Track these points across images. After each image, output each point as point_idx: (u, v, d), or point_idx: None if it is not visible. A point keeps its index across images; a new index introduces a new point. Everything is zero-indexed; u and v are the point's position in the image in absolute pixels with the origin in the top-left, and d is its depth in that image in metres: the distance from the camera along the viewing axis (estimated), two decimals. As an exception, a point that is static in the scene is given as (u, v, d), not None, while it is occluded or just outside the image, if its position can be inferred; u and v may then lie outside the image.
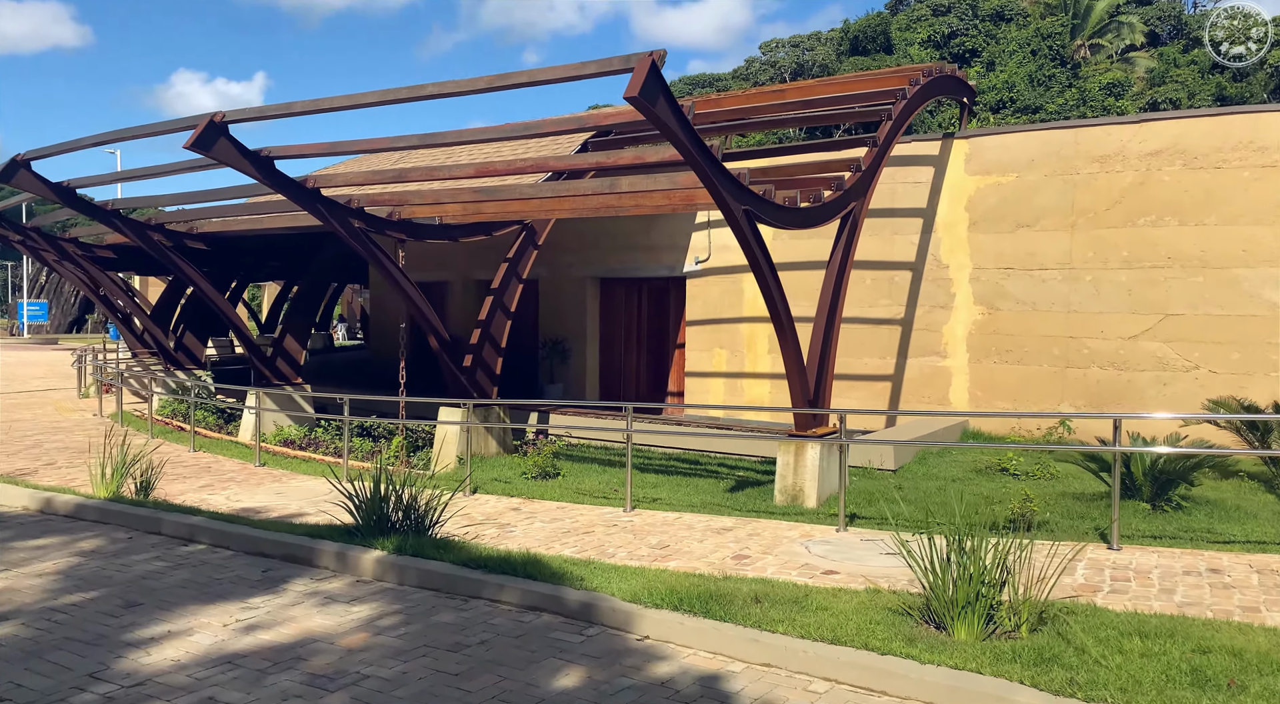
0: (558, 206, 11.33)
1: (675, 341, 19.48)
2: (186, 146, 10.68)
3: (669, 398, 19.62)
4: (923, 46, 70.18)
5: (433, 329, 13.66)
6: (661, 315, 19.73)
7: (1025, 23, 63.69)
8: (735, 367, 17.96)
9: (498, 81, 8.73)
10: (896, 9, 72.12)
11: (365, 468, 13.53)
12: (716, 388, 18.27)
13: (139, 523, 9.08)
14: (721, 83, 78.71)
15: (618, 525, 9.41)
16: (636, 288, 20.05)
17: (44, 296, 79.25)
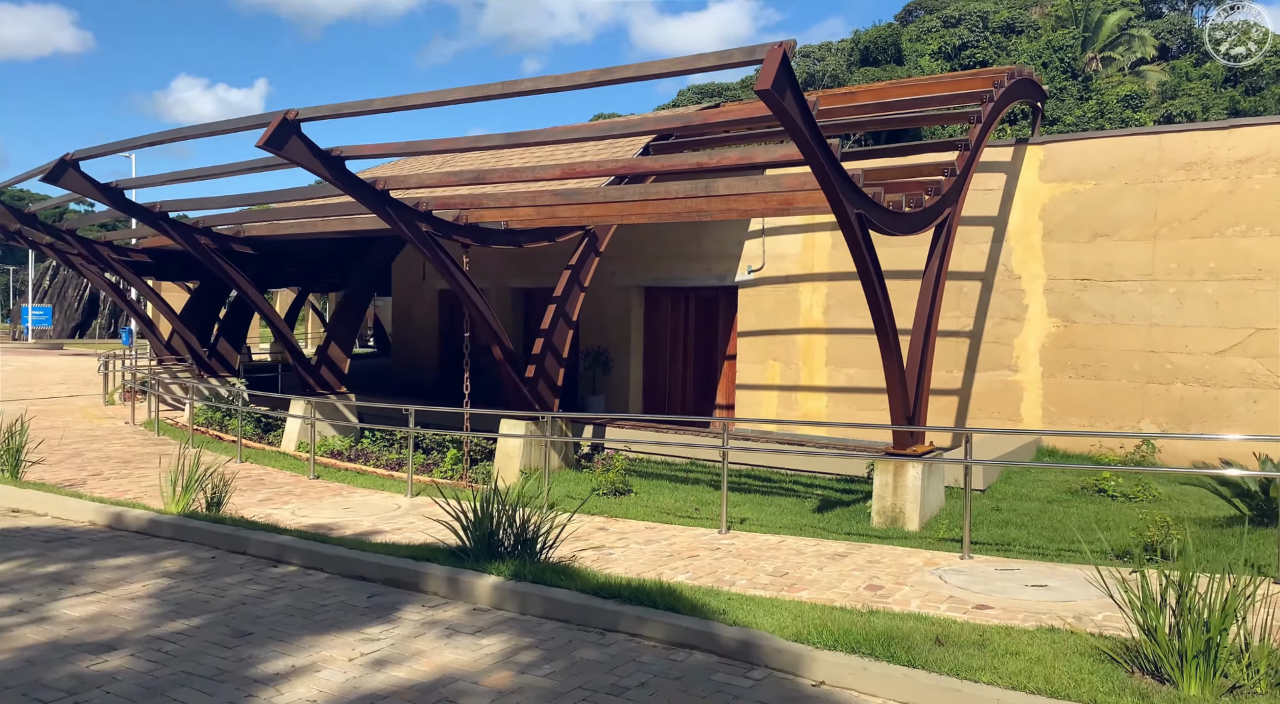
0: (640, 211, 10.87)
1: (724, 353, 19.00)
2: (259, 145, 10.22)
3: (716, 411, 19.13)
4: (934, 58, 69.98)
5: (497, 339, 13.18)
6: (709, 326, 19.25)
7: (1036, 35, 63.52)
8: (790, 380, 17.47)
9: (601, 76, 8.25)
10: (907, 20, 71.99)
11: (426, 482, 13.06)
12: (769, 401, 17.78)
13: (220, 541, 8.58)
14: (730, 92, 78.29)
15: (720, 548, 8.91)
16: (683, 297, 19.57)
17: (47, 301, 78.75)
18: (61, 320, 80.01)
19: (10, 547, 8.53)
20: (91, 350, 58.43)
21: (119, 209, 14.38)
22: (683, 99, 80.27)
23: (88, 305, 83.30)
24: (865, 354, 16.39)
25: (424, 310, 25.40)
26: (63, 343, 70.07)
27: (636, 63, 7.89)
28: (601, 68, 8.25)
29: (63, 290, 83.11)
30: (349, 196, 13.58)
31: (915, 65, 69.16)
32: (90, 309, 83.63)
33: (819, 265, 16.99)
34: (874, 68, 71.94)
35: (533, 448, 13.50)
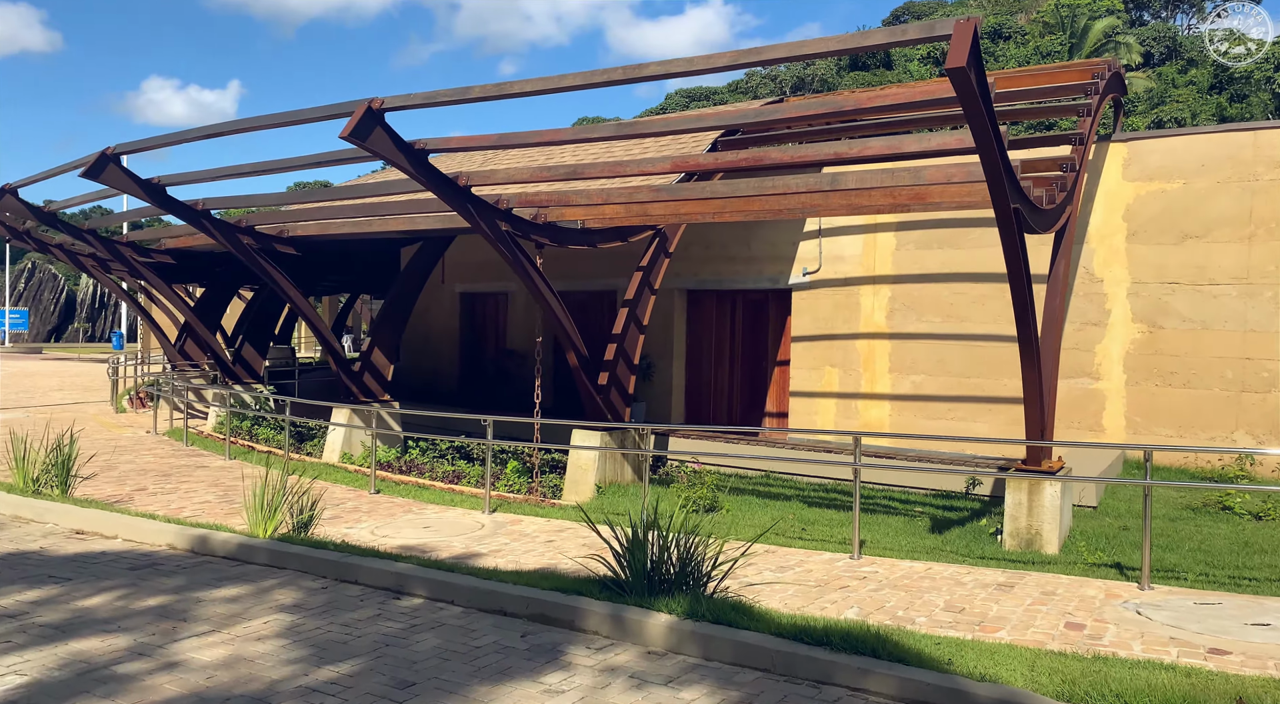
0: (746, 207, 10.19)
1: (774, 358, 18.33)
2: (343, 136, 9.46)
3: (766, 419, 18.46)
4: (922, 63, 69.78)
5: (573, 345, 12.46)
6: (758, 330, 18.57)
7: (1024, 41, 63.47)
8: (850, 386, 16.83)
9: (745, 57, 7.51)
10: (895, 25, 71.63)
11: (507, 498, 12.32)
12: (826, 409, 17.13)
13: (327, 569, 7.81)
14: (718, 96, 77.74)
15: (867, 578, 8.22)
16: (729, 301, 18.89)
17: (22, 304, 77.07)
18: (38, 323, 78.38)
19: (97, 575, 7.72)
20: (74, 354, 57.06)
21: (160, 206, 13.53)
22: (671, 103, 79.66)
23: (64, 308, 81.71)
24: (932, 360, 15.81)
25: (443, 313, 24.58)
26: (41, 347, 68.52)
27: (787, 42, 7.20)
28: (746, 48, 7.54)
29: (38, 293, 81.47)
30: (421, 194, 12.87)
31: (905, 70, 68.91)
32: (67, 312, 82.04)
33: (881, 267, 16.37)
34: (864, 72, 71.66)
35: (607, 460, 12.78)
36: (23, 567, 7.95)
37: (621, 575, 6.80)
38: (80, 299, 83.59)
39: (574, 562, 8.79)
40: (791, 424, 17.44)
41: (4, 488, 10.69)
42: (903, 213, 11.07)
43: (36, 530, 9.35)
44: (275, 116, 10.61)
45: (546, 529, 10.42)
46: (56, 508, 9.67)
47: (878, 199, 9.29)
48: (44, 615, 6.64)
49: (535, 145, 9.96)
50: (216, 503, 11.75)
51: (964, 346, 15.51)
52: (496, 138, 9.86)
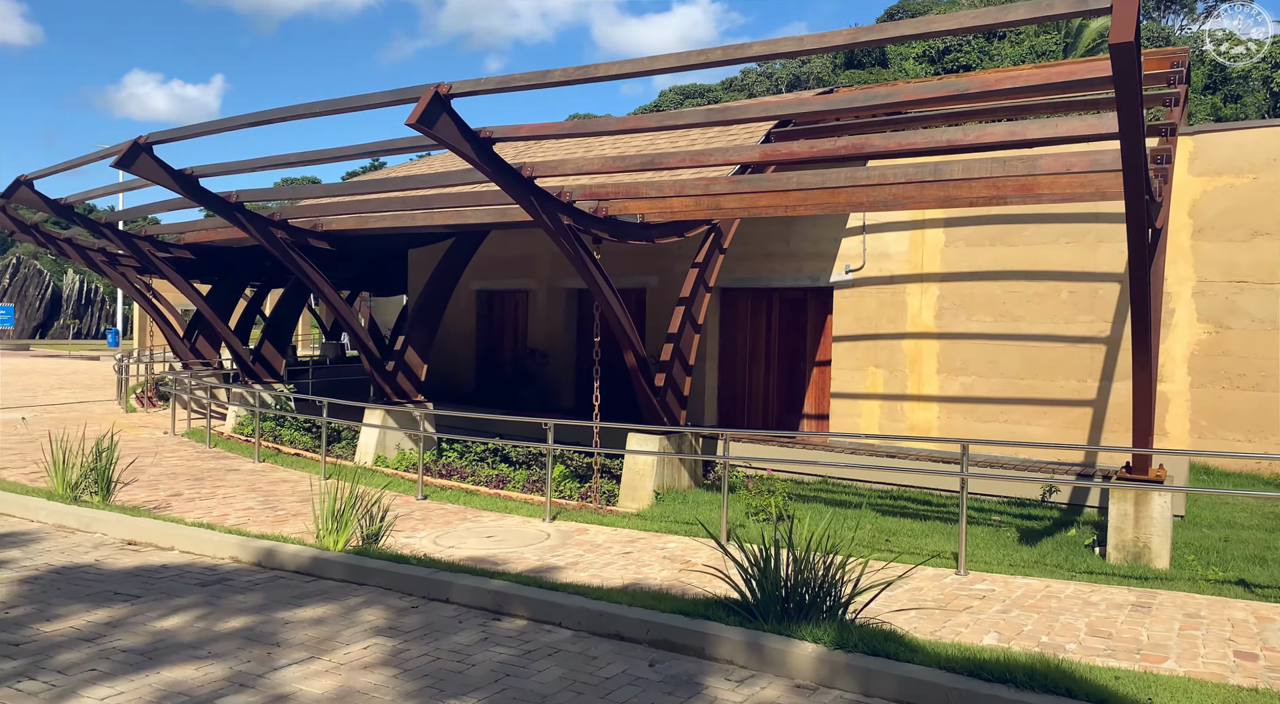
0: (831, 200, 9.66)
1: (813, 359, 17.84)
2: (410, 122, 8.90)
3: (804, 421, 17.97)
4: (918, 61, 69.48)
5: (631, 345, 11.93)
6: (796, 330, 18.07)
7: (1019, 40, 63.22)
8: (895, 388, 16.34)
9: (862, 34, 6.98)
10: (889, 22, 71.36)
11: (562, 504, 11.79)
12: (870, 411, 16.64)
13: (413, 586, 7.26)
14: (712, 93, 77.22)
15: (986, 597, 7.72)
16: (765, 299, 18.39)
17: (6, 300, 75.95)
18: (23, 320, 77.25)
19: (165, 592, 7.15)
20: (65, 351, 56.09)
21: (192, 198, 12.92)
22: (664, 100, 79.06)
23: (50, 305, 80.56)
24: (984, 361, 15.35)
25: (458, 311, 23.93)
26: (28, 344, 67.49)
27: (911, 20, 6.68)
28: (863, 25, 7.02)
29: (23, 289, 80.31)
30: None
31: (900, 68, 68.58)
32: (53, 308, 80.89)
33: (930, 264, 15.89)
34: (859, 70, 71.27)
35: (665, 465, 12.25)
36: (82, 582, 7.38)
37: (749, 597, 6.26)
38: (66, 295, 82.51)
39: (663, 577, 8.28)
40: (833, 426, 16.96)
41: (43, 494, 10.08)
42: (993, 205, 10.57)
43: (85, 541, 8.76)
44: (331, 103, 10.03)
45: (616, 539, 9.90)
46: (106, 517, 9.08)
47: (978, 190, 8.79)
48: (123, 639, 6.08)
49: (611, 133, 9.47)
50: (260, 509, 11.17)
51: (1018, 347, 15.04)
52: (570, 125, 9.33)
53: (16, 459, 14.22)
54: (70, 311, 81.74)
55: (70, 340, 76.03)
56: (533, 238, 21.28)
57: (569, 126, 9.25)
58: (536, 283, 22.40)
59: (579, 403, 21.34)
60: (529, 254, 21.96)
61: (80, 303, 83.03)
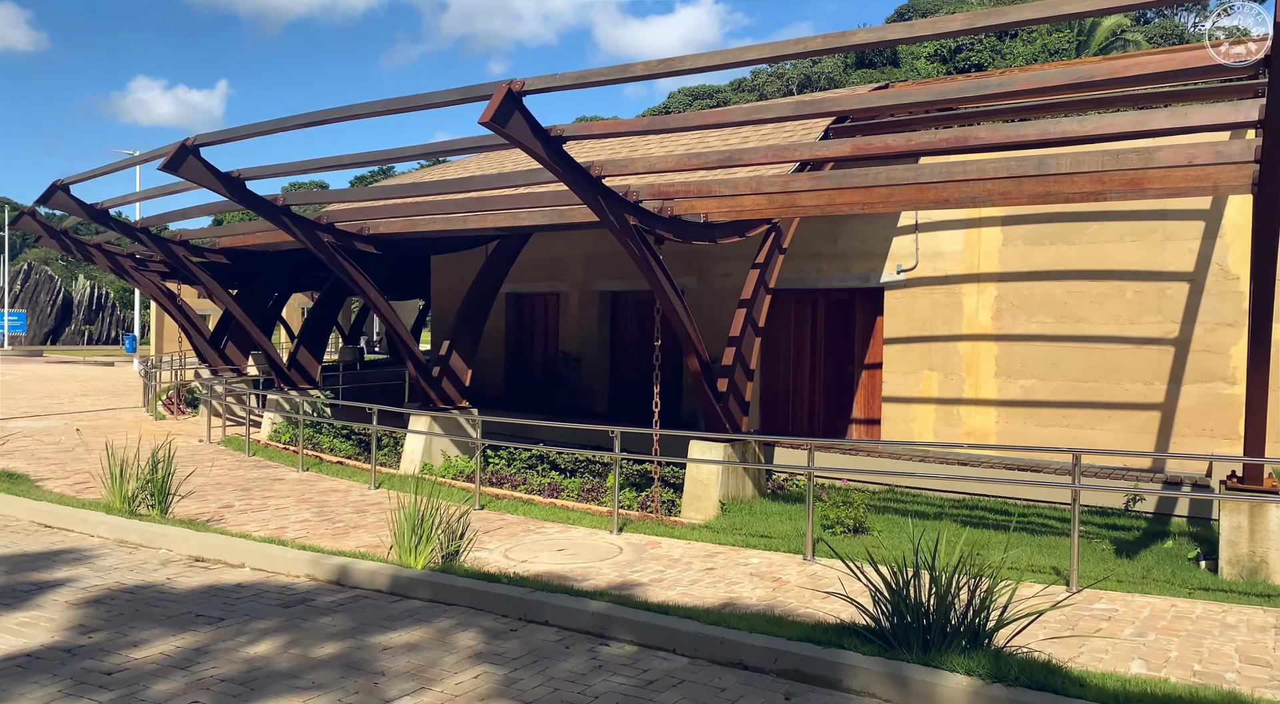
0: (919, 196, 9.25)
1: (862, 362, 17.44)
2: (483, 121, 8.53)
3: (853, 426, 17.56)
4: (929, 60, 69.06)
5: (695, 349, 11.54)
6: (843, 332, 17.66)
7: (1031, 38, 62.78)
8: (951, 392, 15.91)
9: (981, 19, 6.58)
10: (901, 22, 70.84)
11: (628, 515, 11.42)
12: (924, 416, 16.21)
13: (506, 606, 6.87)
14: (721, 95, 76.75)
15: (1113, 618, 7.29)
16: (810, 300, 18.00)
17: (18, 306, 75.88)
18: (35, 326, 77.19)
19: (247, 614, 6.78)
20: (79, 357, 55.84)
21: (239, 201, 12.56)
22: (673, 102, 78.64)
23: (61, 310, 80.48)
24: (1044, 363, 14.93)
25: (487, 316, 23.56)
26: (41, 350, 67.37)
27: (1038, 3, 6.29)
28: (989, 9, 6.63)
29: (35, 295, 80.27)
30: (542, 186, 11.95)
31: (911, 68, 68.20)
32: (64, 314, 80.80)
33: (987, 264, 15.48)
34: (871, 69, 70.85)
35: (729, 475, 11.87)
36: (160, 603, 7.01)
37: (884, 623, 5.84)
38: (77, 301, 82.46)
39: (758, 596, 7.90)
40: (885, 431, 16.54)
41: (101, 508, 9.73)
42: (1090, 202, 10.15)
43: (151, 558, 8.39)
44: (395, 101, 9.67)
45: (693, 553, 9.50)
46: (170, 533, 8.71)
47: (1080, 185, 8.39)
48: (216, 667, 5.71)
49: (692, 128, 9.06)
50: (317, 522, 10.80)
51: (1081, 349, 14.62)
52: (646, 122, 8.96)
53: (56, 469, 13.88)
54: (81, 317, 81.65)
55: (84, 346, 75.95)
56: (565, 240, 20.95)
57: (645, 123, 8.87)
58: (569, 285, 22.04)
59: (613, 407, 20.98)
60: (561, 256, 21.62)
61: (91, 308, 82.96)
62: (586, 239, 21.06)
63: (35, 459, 14.69)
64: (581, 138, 9.29)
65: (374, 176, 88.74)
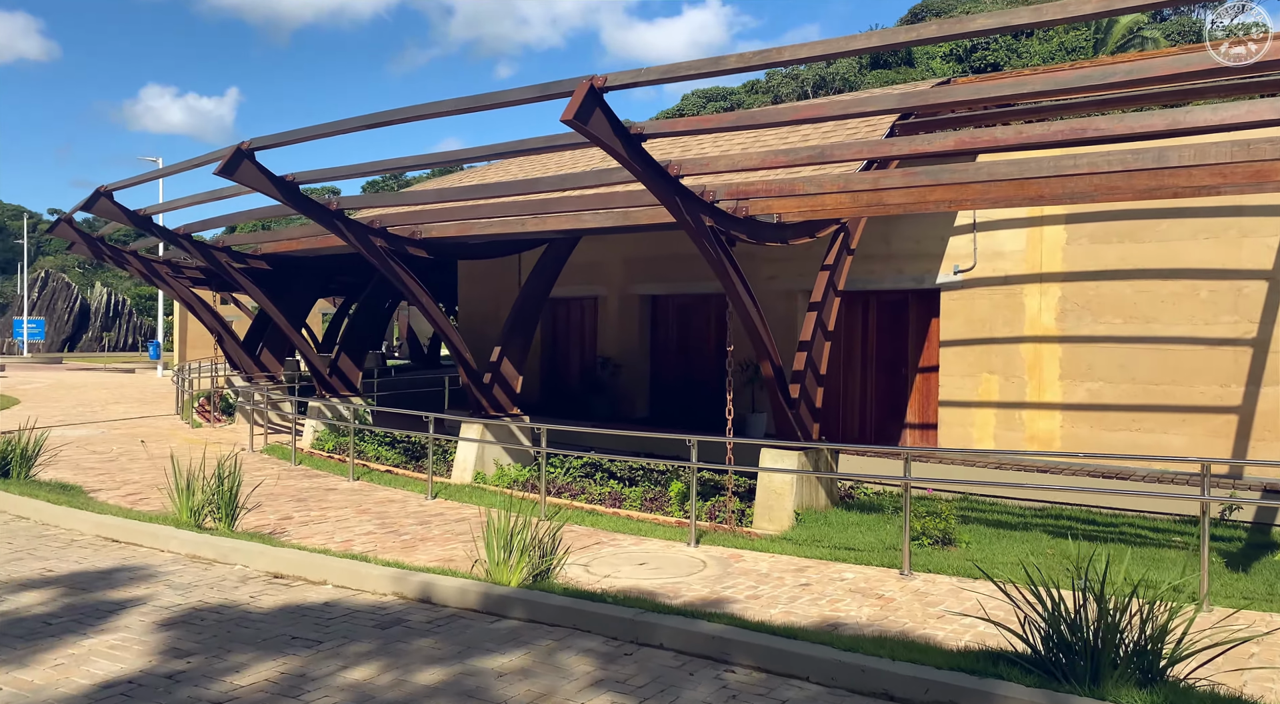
0: (1018, 192, 8.79)
1: (916, 365, 17.03)
2: (564, 119, 8.19)
3: (907, 431, 17.15)
4: (945, 60, 68.49)
5: (768, 354, 11.18)
6: (896, 334, 17.26)
7: (1047, 38, 62.22)
8: (1012, 395, 15.48)
9: (1100, 6, 6.21)
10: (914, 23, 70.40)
11: (671, 523, 11.07)
12: (984, 420, 15.80)
13: (614, 628, 6.51)
14: (735, 97, 76.28)
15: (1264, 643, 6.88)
16: (861, 303, 17.59)
17: (36, 313, 76.01)
18: (52, 333, 77.35)
19: (343, 635, 6.42)
20: (100, 364, 55.83)
21: (292, 204, 12.27)
22: (687, 104, 78.26)
23: (78, 317, 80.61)
24: (1112, 365, 14.49)
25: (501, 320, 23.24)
26: (61, 357, 67.46)
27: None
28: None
29: (52, 302, 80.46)
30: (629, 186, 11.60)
31: (927, 68, 67.66)
32: (81, 321, 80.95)
33: (1050, 264, 15.06)
34: (886, 70, 70.31)
35: (803, 484, 11.48)
36: (249, 624, 6.67)
37: (1042, 650, 5.41)
38: (94, 308, 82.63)
39: (865, 614, 7.51)
40: (942, 436, 16.15)
41: (169, 522, 9.41)
42: (1204, 196, 9.72)
43: (228, 574, 8.06)
44: (465, 100, 9.34)
45: (780, 567, 9.12)
46: (246, 548, 8.38)
47: (1199, 179, 7.99)
48: (324, 694, 5.37)
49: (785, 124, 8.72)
50: (382, 534, 10.47)
51: (1151, 350, 14.19)
52: (734, 117, 8.58)
53: (105, 480, 13.60)
54: (99, 324, 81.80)
55: (105, 352, 76.03)
56: (603, 243, 20.60)
57: (733, 119, 8.50)
58: (607, 289, 21.69)
59: (653, 413, 20.62)
60: (598, 259, 21.26)
61: (108, 316, 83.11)
62: (625, 242, 20.73)
63: (81, 469, 14.42)
64: (662, 135, 8.94)
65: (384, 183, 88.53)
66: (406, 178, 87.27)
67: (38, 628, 6.50)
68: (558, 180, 11.25)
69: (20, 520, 10.08)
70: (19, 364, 51.71)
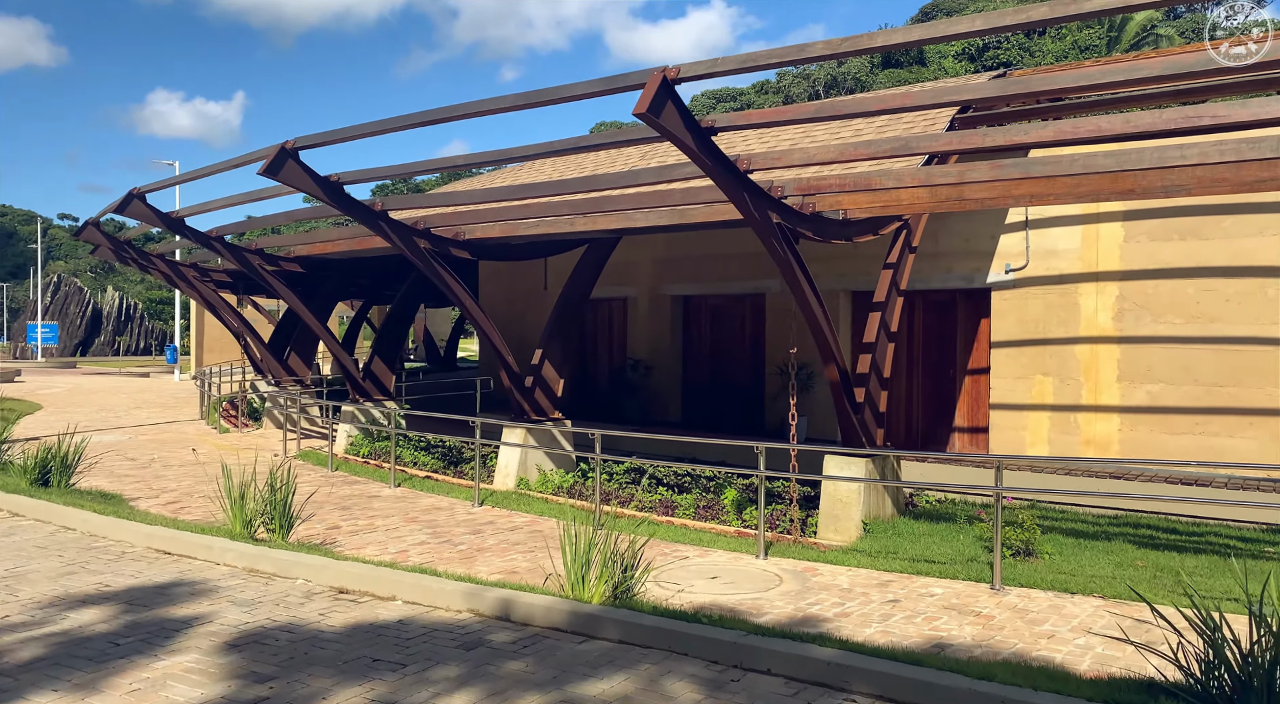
0: (1111, 186, 8.29)
1: (964, 367, 16.61)
2: (637, 113, 7.79)
3: (955, 435, 16.73)
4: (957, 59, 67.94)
5: (833, 357, 10.76)
6: (943, 335, 16.84)
7: (1060, 36, 61.70)
8: (1068, 398, 15.04)
9: None
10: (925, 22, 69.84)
11: (730, 532, 10.68)
12: (1037, 424, 15.36)
13: (709, 650, 6.11)
14: (745, 97, 75.80)
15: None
16: (907, 302, 17.13)
17: (48, 317, 75.93)
18: (65, 337, 77.26)
19: (428, 658, 6.03)
20: (114, 368, 55.59)
21: (336, 205, 11.91)
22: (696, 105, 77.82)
23: (90, 322, 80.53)
24: (1174, 366, 14.04)
25: (544, 321, 22.81)
26: (75, 361, 67.32)
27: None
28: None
29: (64, 306, 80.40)
30: (688, 183, 11.23)
31: (939, 67, 67.13)
32: (93, 326, 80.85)
33: (1107, 262, 14.62)
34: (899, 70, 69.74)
35: (869, 493, 11.07)
36: (324, 644, 6.29)
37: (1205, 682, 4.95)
38: (106, 312, 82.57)
39: (970, 635, 7.10)
40: (993, 440, 15.71)
41: (223, 533, 9.03)
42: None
43: (291, 589, 7.68)
44: (527, 95, 8.97)
45: (860, 581, 8.71)
46: (307, 561, 8.00)
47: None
48: (424, 730, 4.99)
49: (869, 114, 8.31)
50: (436, 544, 10.09)
51: (1215, 351, 13.75)
52: (813, 108, 8.20)
53: (141, 487, 13.25)
54: (111, 328, 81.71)
55: (120, 357, 75.92)
56: (633, 243, 20.20)
57: (812, 109, 8.11)
58: (637, 290, 21.31)
59: (686, 416, 20.25)
60: (629, 260, 20.87)
61: (120, 320, 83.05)
62: (656, 242, 20.36)
63: (116, 477, 14.07)
64: (736, 128, 8.54)
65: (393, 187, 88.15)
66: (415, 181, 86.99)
67: (105, 648, 6.13)
68: (614, 178, 10.88)
69: (67, 532, 9.73)
70: (34, 368, 51.51)
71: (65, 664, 5.82)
